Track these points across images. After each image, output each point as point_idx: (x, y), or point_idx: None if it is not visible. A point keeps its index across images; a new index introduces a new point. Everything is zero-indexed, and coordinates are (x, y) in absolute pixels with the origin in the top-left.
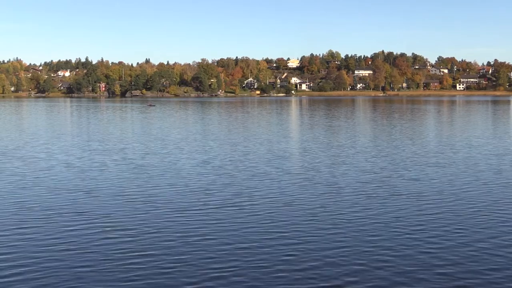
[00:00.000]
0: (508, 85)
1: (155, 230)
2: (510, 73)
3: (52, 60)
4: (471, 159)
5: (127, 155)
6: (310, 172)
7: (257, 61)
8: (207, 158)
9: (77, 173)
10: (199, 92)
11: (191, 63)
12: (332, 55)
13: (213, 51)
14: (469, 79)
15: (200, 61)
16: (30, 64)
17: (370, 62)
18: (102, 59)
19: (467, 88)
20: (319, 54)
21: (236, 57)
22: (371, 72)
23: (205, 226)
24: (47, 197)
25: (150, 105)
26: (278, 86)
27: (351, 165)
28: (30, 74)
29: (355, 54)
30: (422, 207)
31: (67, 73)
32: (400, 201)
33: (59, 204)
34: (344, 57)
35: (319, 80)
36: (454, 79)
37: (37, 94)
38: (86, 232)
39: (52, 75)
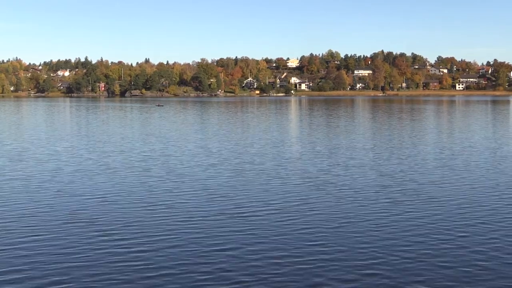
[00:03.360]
0: (507, 85)
1: (173, 241)
2: (510, 73)
3: (51, 60)
4: (490, 161)
5: (141, 157)
6: (326, 175)
7: (257, 61)
8: (221, 161)
9: (89, 177)
10: (198, 92)
11: (190, 63)
12: (331, 55)
13: (213, 51)
14: (468, 79)
15: (199, 61)
16: (30, 63)
17: (369, 62)
18: (101, 59)
19: (467, 88)
20: (319, 54)
21: (236, 57)
22: (371, 72)
23: (227, 236)
24: (57, 203)
25: (159, 105)
26: (278, 86)
27: (368, 168)
28: (29, 74)
29: (355, 54)
30: (450, 212)
31: (67, 73)
32: (429, 205)
33: (69, 210)
34: (343, 57)
35: (319, 80)
36: (453, 79)
37: (36, 94)
38: (96, 240)
39: (51, 74)
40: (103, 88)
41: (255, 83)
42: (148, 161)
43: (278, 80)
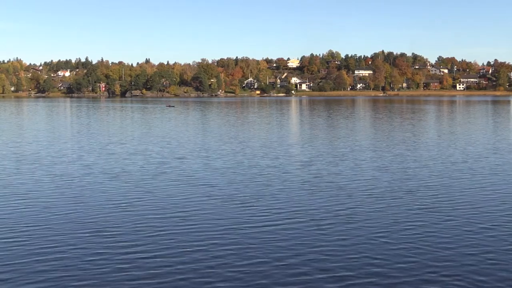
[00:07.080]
0: (508, 85)
1: (198, 255)
2: (510, 73)
3: (52, 60)
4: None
5: (156, 161)
6: (349, 179)
7: (257, 61)
8: (235, 165)
9: (102, 181)
10: (199, 92)
11: (191, 63)
12: (332, 55)
13: (213, 51)
14: (469, 79)
15: (200, 61)
16: (30, 64)
17: (370, 62)
18: (102, 59)
19: (467, 88)
20: (319, 54)
21: (236, 57)
22: (371, 72)
23: (252, 248)
24: (70, 210)
25: (169, 106)
26: (278, 86)
27: (390, 171)
28: (30, 74)
29: (355, 54)
30: (495, 220)
31: (67, 73)
32: (467, 211)
33: (84, 220)
34: (344, 57)
35: (319, 80)
36: (454, 79)
37: (37, 94)
38: (115, 253)
39: (52, 75)
40: (103, 89)
41: (256, 83)
42: (162, 165)
43: (278, 80)
